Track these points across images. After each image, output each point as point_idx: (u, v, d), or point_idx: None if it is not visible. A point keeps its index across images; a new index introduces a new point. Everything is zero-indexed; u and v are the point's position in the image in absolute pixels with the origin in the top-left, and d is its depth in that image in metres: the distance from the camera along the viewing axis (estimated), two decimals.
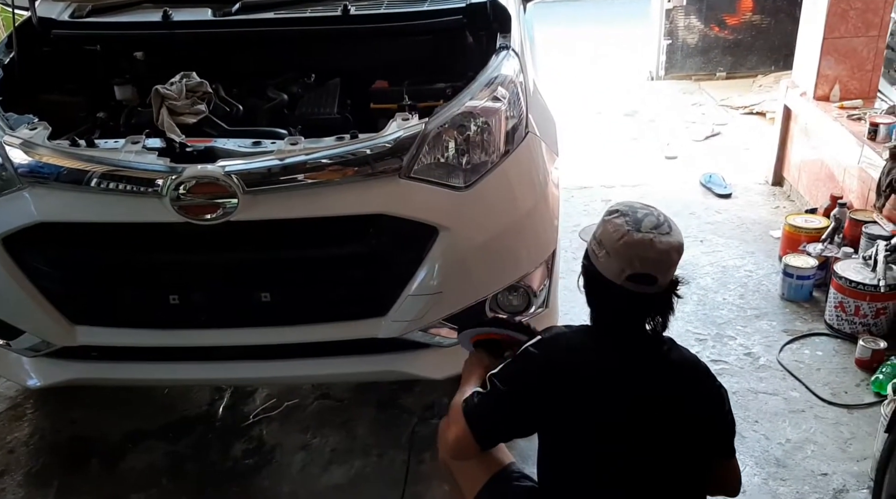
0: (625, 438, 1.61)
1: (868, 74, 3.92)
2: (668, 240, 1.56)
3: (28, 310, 2.27)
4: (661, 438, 1.62)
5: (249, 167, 2.09)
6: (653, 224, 1.57)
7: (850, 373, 2.92)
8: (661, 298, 1.60)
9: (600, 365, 1.62)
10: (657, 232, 1.56)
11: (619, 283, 1.57)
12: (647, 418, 1.61)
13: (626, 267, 1.55)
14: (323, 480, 2.53)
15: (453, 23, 2.70)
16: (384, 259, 2.22)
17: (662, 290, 1.59)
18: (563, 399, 1.60)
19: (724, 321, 3.25)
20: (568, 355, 1.64)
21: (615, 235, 1.57)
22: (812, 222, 3.56)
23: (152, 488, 2.52)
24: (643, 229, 1.56)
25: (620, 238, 1.56)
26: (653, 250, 1.54)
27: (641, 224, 1.57)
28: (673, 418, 1.63)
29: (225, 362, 2.40)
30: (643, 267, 1.55)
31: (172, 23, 2.72)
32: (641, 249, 1.54)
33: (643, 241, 1.55)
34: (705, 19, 6.25)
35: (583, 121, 5.61)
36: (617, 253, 1.56)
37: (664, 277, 1.57)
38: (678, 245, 1.58)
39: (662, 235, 1.56)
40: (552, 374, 1.61)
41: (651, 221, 1.58)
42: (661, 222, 1.59)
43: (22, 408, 2.89)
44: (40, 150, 2.16)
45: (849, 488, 2.41)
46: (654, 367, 1.64)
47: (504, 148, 2.29)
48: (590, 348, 1.65)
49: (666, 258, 1.56)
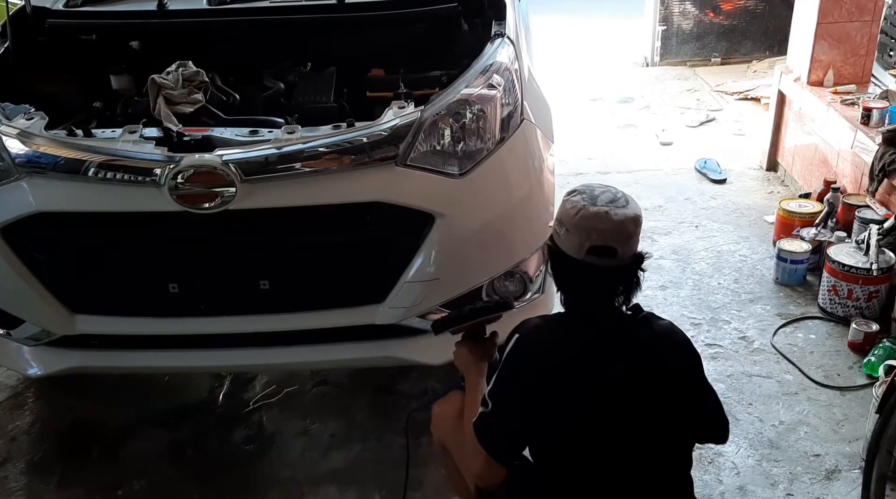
0: (610, 417, 1.63)
1: (861, 59, 3.93)
2: (623, 211, 1.59)
3: (28, 299, 2.29)
4: (645, 414, 1.64)
5: (247, 156, 2.10)
6: (609, 199, 1.61)
7: (842, 356, 2.95)
8: (624, 271, 1.62)
9: (577, 349, 1.63)
10: (613, 205, 1.59)
11: (581, 257, 1.59)
12: (628, 396, 1.62)
13: (584, 241, 1.58)
14: (323, 465, 2.55)
15: (448, 10, 2.71)
16: (381, 246, 2.24)
17: (625, 263, 1.60)
18: (552, 388, 1.62)
19: (719, 306, 3.27)
20: (547, 346, 1.65)
21: (572, 211, 1.60)
22: (806, 207, 3.58)
23: (153, 475, 2.54)
24: (599, 203, 1.59)
25: (577, 213, 1.59)
26: (609, 221, 1.57)
27: (597, 199, 1.60)
28: (654, 393, 1.64)
29: (224, 350, 2.42)
30: (601, 239, 1.57)
31: (168, 11, 2.73)
32: (597, 221, 1.57)
33: (598, 213, 1.58)
34: (700, 5, 6.23)
35: (578, 108, 5.61)
36: (575, 227, 1.59)
37: (624, 248, 1.59)
38: (634, 216, 1.60)
39: (618, 208, 1.59)
40: (539, 368, 1.62)
41: (607, 196, 1.61)
42: (618, 197, 1.62)
43: (23, 397, 2.90)
44: (37, 140, 2.16)
45: (841, 468, 2.45)
46: (629, 343, 1.65)
47: (499, 135, 2.30)
48: (566, 334, 1.66)
49: (623, 229, 1.58)
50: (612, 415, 1.63)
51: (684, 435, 1.72)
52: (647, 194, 4.24)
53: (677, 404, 1.67)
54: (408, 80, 2.56)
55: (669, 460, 1.71)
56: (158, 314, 2.35)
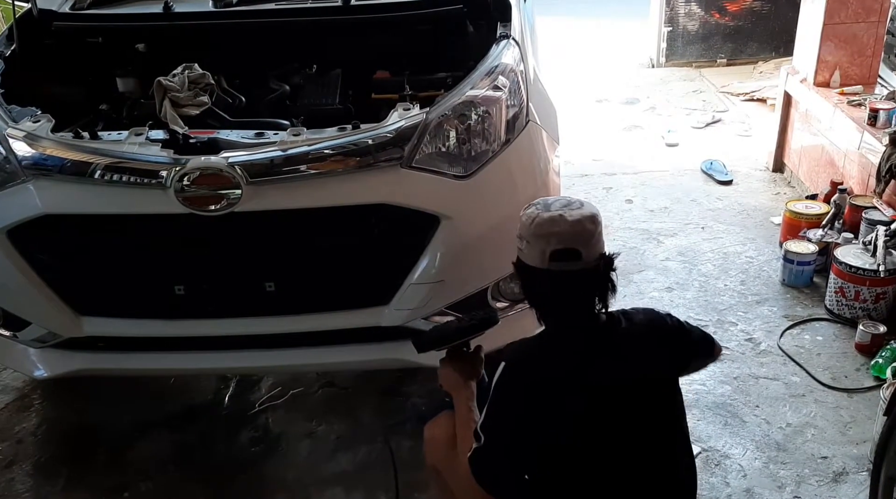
0: (605, 426, 1.60)
1: (868, 60, 3.91)
2: (579, 212, 1.57)
3: (34, 301, 2.29)
4: (641, 415, 1.62)
5: (252, 158, 2.10)
6: (562, 204, 1.60)
7: (849, 357, 2.94)
8: (594, 275, 1.59)
9: (562, 364, 1.60)
10: (567, 208, 1.58)
11: (546, 266, 1.57)
12: (621, 401, 1.60)
13: (545, 247, 1.56)
14: (329, 467, 2.55)
15: (454, 12, 2.71)
16: (386, 248, 2.24)
17: (592, 265, 1.57)
18: (545, 409, 1.59)
19: (726, 307, 3.26)
20: (533, 368, 1.62)
21: (527, 221, 1.59)
22: (812, 208, 3.57)
23: (159, 477, 2.54)
24: (552, 209, 1.58)
25: (532, 222, 1.58)
26: (565, 223, 1.55)
27: (551, 206, 1.60)
28: (646, 393, 1.62)
29: (230, 352, 2.42)
30: (561, 242, 1.55)
31: (174, 14, 2.73)
32: (553, 225, 1.56)
33: (552, 217, 1.56)
34: (706, 6, 6.24)
35: (583, 109, 5.61)
36: (534, 236, 1.57)
37: (587, 250, 1.56)
38: (591, 215, 1.58)
39: (573, 210, 1.58)
40: (528, 392, 1.59)
41: (561, 202, 1.61)
42: (572, 202, 1.61)
43: (29, 399, 2.91)
44: (44, 142, 2.17)
45: (848, 470, 2.43)
46: (612, 349, 1.62)
47: (505, 137, 2.30)
48: (549, 351, 1.63)
49: (581, 228, 1.56)
50: (607, 423, 1.60)
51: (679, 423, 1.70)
52: (652, 196, 4.23)
53: (671, 392, 1.66)
54: (413, 82, 2.57)
55: (669, 460, 1.70)
56: (164, 316, 2.35)
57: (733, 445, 2.55)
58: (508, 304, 2.36)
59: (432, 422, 1.93)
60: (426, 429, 1.94)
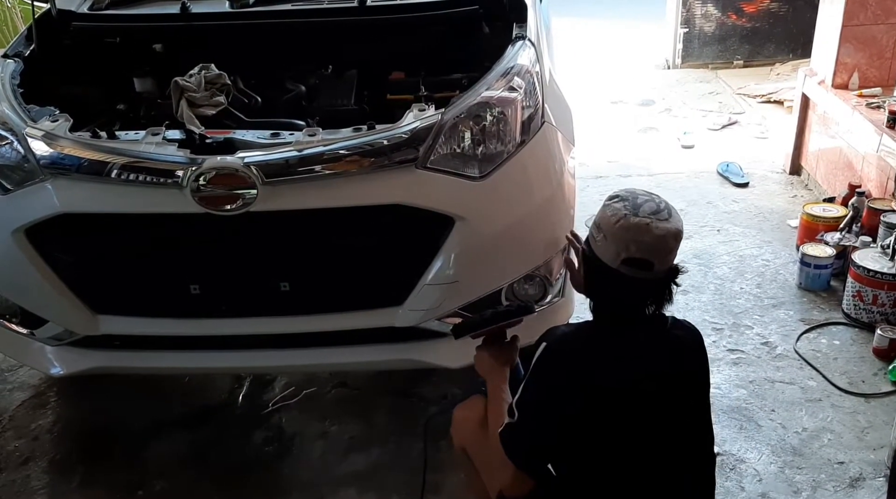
0: (639, 420, 1.61)
1: (887, 62, 3.88)
2: (665, 225, 1.55)
3: (51, 299, 2.31)
4: (673, 416, 1.63)
5: (268, 158, 2.10)
6: (652, 209, 1.57)
7: (867, 362, 2.91)
8: (658, 284, 1.59)
9: (606, 354, 1.61)
10: (655, 217, 1.55)
11: (616, 267, 1.56)
12: (657, 399, 1.61)
13: (621, 251, 1.54)
14: (342, 467, 2.55)
15: (469, 13, 2.71)
16: (401, 249, 2.24)
17: (660, 276, 1.58)
18: (581, 394, 1.60)
19: (741, 311, 3.24)
20: (576, 353, 1.63)
21: (612, 218, 1.56)
22: (830, 211, 3.54)
23: (174, 476, 2.55)
24: (641, 214, 1.55)
25: (617, 221, 1.55)
26: (649, 235, 1.53)
27: (640, 209, 1.56)
28: (684, 394, 1.63)
29: (244, 351, 2.42)
30: (639, 252, 1.54)
31: (191, 14, 2.75)
32: (637, 233, 1.54)
33: (640, 224, 1.54)
34: (722, 7, 6.20)
35: (599, 110, 5.59)
36: (614, 236, 1.55)
37: (661, 262, 1.56)
38: (676, 231, 1.56)
39: (660, 221, 1.55)
40: (568, 375, 1.60)
41: (650, 206, 1.57)
42: (661, 208, 1.58)
43: (45, 396, 2.93)
44: (62, 141, 2.18)
45: (865, 476, 2.41)
46: (658, 348, 1.64)
47: (520, 138, 2.29)
48: (594, 340, 1.64)
49: (663, 244, 1.55)
50: (642, 418, 1.61)
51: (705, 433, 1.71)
52: (668, 198, 4.13)
53: (699, 402, 1.67)
54: (428, 82, 2.57)
55: (694, 461, 1.70)
56: (179, 315, 2.36)
57: (749, 449, 2.53)
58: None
59: (462, 404, 1.95)
60: (456, 411, 1.95)
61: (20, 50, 2.64)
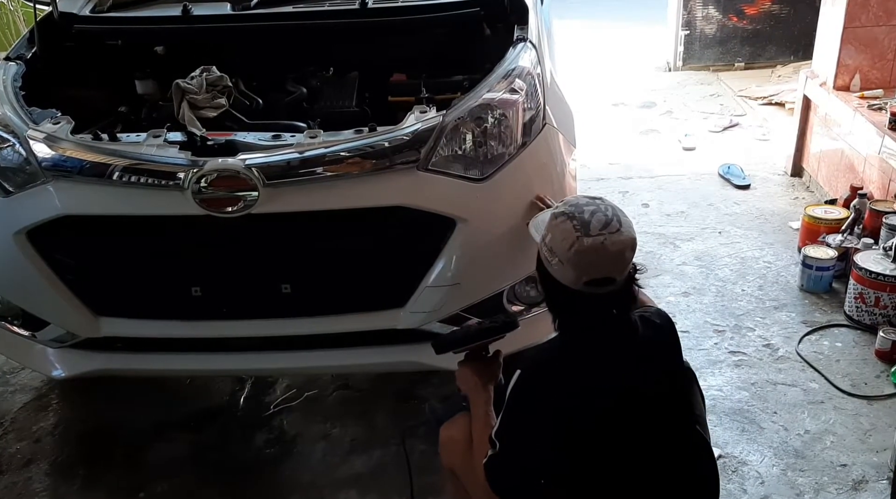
0: (625, 428, 1.59)
1: (889, 64, 3.88)
2: (619, 238, 1.52)
3: (53, 302, 2.31)
4: (660, 416, 1.61)
5: (269, 160, 2.10)
6: (602, 222, 1.52)
7: (869, 364, 2.90)
8: (620, 292, 1.57)
9: (580, 368, 1.59)
10: (607, 231, 1.51)
11: (577, 288, 1.53)
12: (639, 402, 1.59)
13: (581, 274, 1.52)
14: (343, 469, 2.55)
15: (471, 15, 2.71)
16: (402, 251, 2.24)
17: (622, 284, 1.56)
18: (561, 414, 1.57)
19: (743, 313, 3.24)
20: (550, 373, 1.60)
21: (565, 243, 1.52)
22: (831, 213, 3.54)
23: (175, 478, 2.55)
24: (592, 232, 1.51)
25: (570, 246, 1.51)
26: (606, 254, 1.51)
27: (590, 226, 1.51)
28: (663, 393, 1.61)
29: (246, 353, 2.43)
30: (599, 272, 1.52)
31: (193, 17, 2.75)
32: (594, 256, 1.50)
33: (594, 246, 1.50)
34: (723, 9, 6.20)
35: (600, 112, 5.59)
36: (570, 262, 1.52)
37: (621, 273, 1.54)
38: (631, 242, 1.54)
39: (612, 234, 1.51)
40: (546, 398, 1.58)
41: (599, 218, 1.52)
42: (610, 218, 1.53)
43: (47, 398, 2.93)
44: (63, 144, 2.18)
45: (868, 478, 2.41)
46: (629, 350, 1.60)
47: (521, 140, 2.30)
48: (566, 357, 1.61)
49: (620, 258, 1.52)
50: (625, 428, 1.59)
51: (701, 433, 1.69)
52: (669, 200, 4.21)
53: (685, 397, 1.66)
54: (430, 84, 2.57)
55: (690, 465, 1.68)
56: (181, 317, 2.36)
57: (751, 451, 2.53)
58: (524, 307, 2.36)
59: (449, 423, 1.93)
60: (442, 430, 1.93)
61: (22, 52, 2.64)
